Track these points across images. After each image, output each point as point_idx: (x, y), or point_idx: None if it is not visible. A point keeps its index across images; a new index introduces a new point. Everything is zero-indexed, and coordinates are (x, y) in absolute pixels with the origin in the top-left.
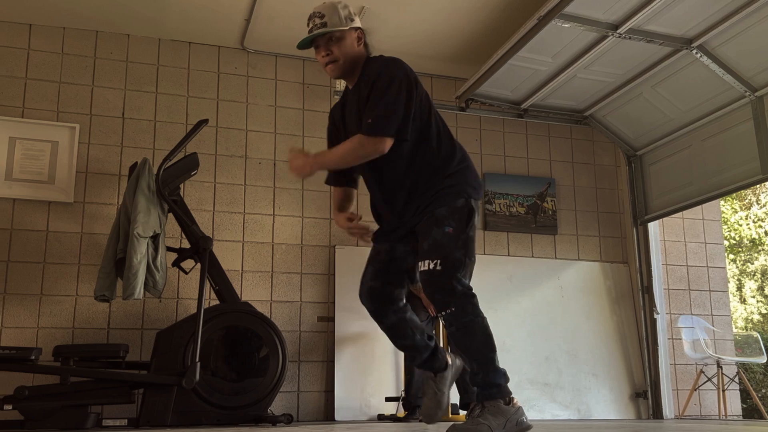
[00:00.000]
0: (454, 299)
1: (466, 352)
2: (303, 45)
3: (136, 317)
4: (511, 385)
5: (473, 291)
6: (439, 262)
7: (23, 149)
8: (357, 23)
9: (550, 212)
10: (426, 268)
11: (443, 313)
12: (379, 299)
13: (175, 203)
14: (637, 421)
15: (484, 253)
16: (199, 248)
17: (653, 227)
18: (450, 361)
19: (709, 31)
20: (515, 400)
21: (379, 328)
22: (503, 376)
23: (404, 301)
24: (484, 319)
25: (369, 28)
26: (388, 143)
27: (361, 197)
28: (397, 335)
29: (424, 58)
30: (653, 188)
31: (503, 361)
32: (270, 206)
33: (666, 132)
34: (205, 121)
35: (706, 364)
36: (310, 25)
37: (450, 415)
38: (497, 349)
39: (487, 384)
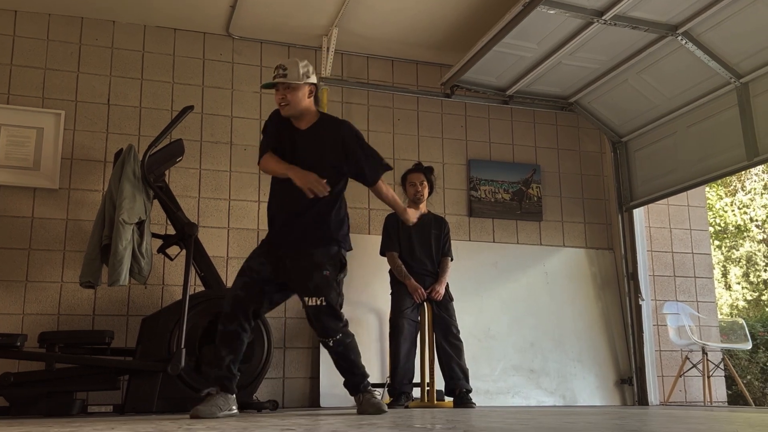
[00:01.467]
0: (340, 325)
1: (352, 358)
2: (266, 86)
3: (121, 304)
4: (496, 372)
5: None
6: (323, 299)
7: (8, 136)
8: (312, 80)
9: (536, 199)
10: (315, 304)
11: (330, 339)
12: (236, 306)
13: (161, 189)
14: (623, 408)
15: (469, 240)
16: (184, 234)
17: (638, 213)
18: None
19: (695, 17)
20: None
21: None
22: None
23: (251, 321)
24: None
25: (321, 85)
26: None
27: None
28: (224, 342)
29: (409, 45)
30: (638, 175)
31: (489, 347)
32: (255, 192)
33: (651, 118)
34: (190, 108)
35: (691, 351)
36: (275, 74)
37: (435, 401)
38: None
39: (364, 382)
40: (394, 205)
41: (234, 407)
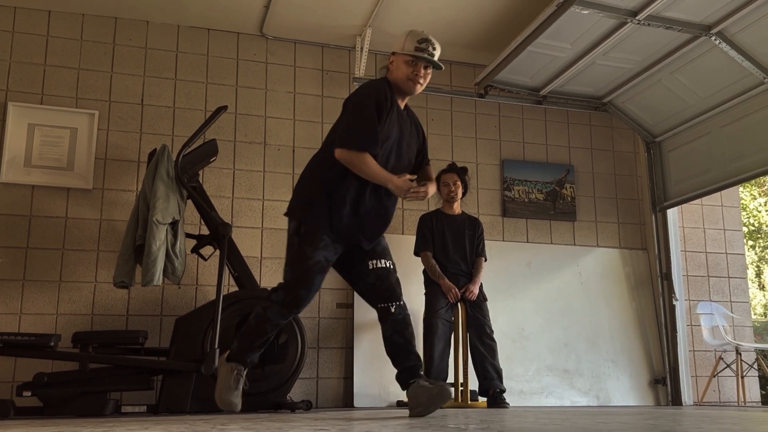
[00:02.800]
0: (401, 293)
1: (406, 337)
2: (428, 60)
3: (155, 304)
4: (530, 372)
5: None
6: (391, 263)
7: (42, 136)
8: None
9: (569, 199)
10: (384, 265)
11: (398, 302)
12: (305, 305)
13: (194, 190)
14: (656, 408)
15: (503, 240)
16: (218, 235)
17: (672, 214)
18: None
19: (728, 17)
20: None
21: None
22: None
23: None
24: None
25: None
26: None
27: None
28: (266, 335)
29: (442, 45)
30: (672, 175)
31: (523, 347)
32: (289, 193)
33: (685, 118)
34: (224, 108)
35: (725, 351)
36: (424, 46)
37: (469, 401)
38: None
39: (420, 364)
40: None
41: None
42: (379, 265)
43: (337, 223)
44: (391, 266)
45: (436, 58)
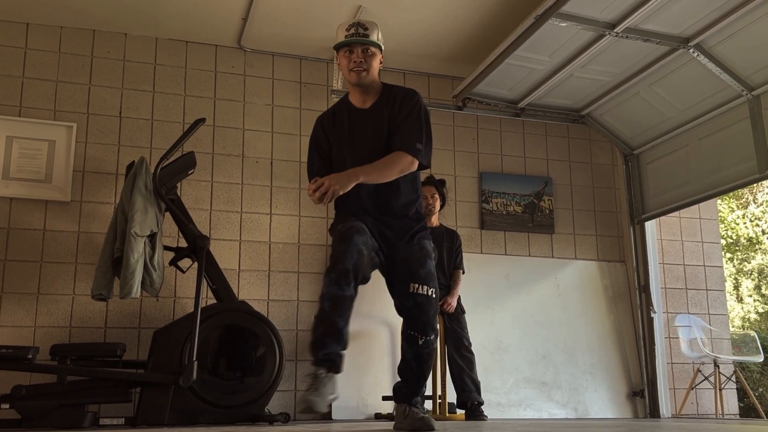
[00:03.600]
0: (436, 328)
1: (427, 368)
2: (340, 45)
3: (133, 316)
4: (508, 385)
5: None
6: (433, 291)
7: (20, 148)
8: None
9: (547, 211)
10: (425, 293)
11: (428, 337)
12: (358, 265)
13: (172, 202)
14: (634, 420)
15: (481, 252)
16: (196, 247)
17: (650, 226)
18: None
19: (706, 30)
20: None
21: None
22: None
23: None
24: None
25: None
26: (416, 167)
27: None
28: (340, 310)
29: (420, 57)
30: (650, 187)
31: (501, 360)
32: (267, 205)
33: (663, 131)
34: (202, 120)
35: (703, 363)
36: (351, 31)
37: (447, 414)
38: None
39: (420, 395)
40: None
41: (337, 390)
42: (420, 292)
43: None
44: (433, 294)
45: (370, 38)
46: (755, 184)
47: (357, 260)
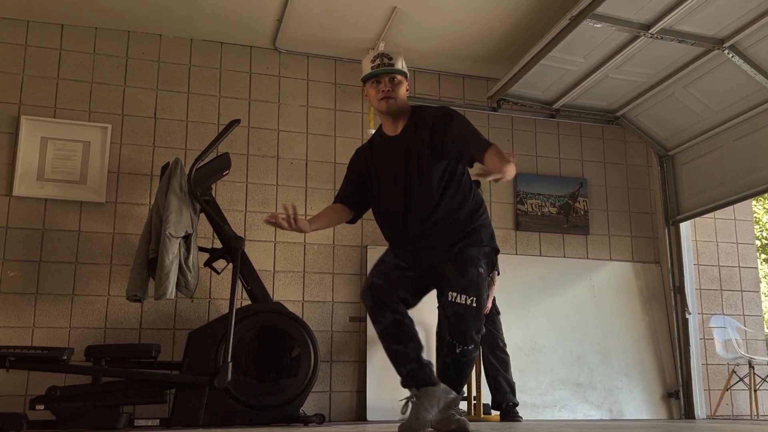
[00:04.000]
0: (478, 337)
1: (465, 376)
2: (368, 77)
3: (167, 317)
4: (542, 386)
5: None
6: (475, 299)
7: (55, 149)
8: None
9: (582, 212)
10: (463, 302)
11: (466, 347)
12: (379, 295)
13: (207, 203)
14: (669, 421)
15: (516, 253)
16: (231, 248)
17: (685, 227)
18: (437, 381)
19: (741, 31)
20: None
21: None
22: None
23: (404, 307)
24: None
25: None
26: None
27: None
28: (392, 338)
29: (455, 59)
30: (685, 188)
31: (536, 361)
32: (302, 206)
33: (698, 132)
34: (237, 121)
35: (738, 365)
36: (377, 62)
37: (482, 415)
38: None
39: (459, 400)
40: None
41: (451, 395)
42: (458, 301)
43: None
44: (473, 303)
45: (395, 67)
46: None
47: (374, 293)
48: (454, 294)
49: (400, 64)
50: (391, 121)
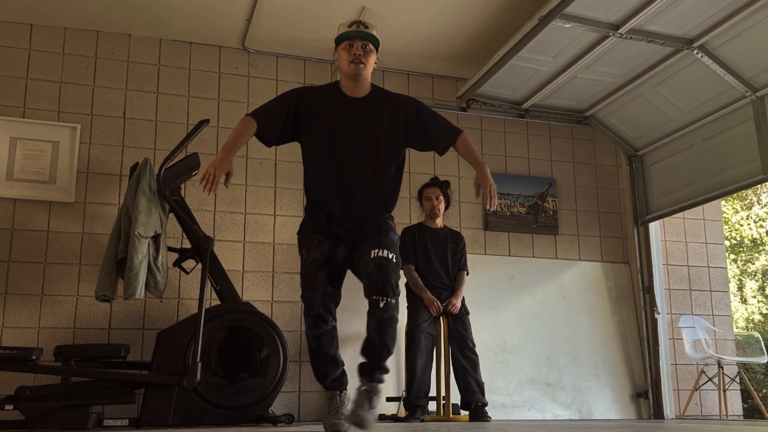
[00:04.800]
0: (398, 293)
1: (389, 338)
2: (342, 38)
3: (137, 317)
4: (512, 386)
5: None
6: (394, 255)
7: (24, 149)
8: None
9: (551, 212)
10: (386, 255)
11: (388, 299)
12: (330, 304)
13: (176, 203)
14: (638, 421)
15: (485, 253)
16: (200, 248)
17: (654, 227)
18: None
19: (710, 31)
20: None
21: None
22: None
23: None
24: None
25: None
26: None
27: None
28: (328, 342)
29: (424, 59)
30: (654, 188)
31: (505, 361)
32: (271, 206)
33: (667, 132)
34: (206, 121)
35: (707, 364)
36: (353, 27)
37: (451, 415)
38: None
39: (382, 374)
40: (476, 164)
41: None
42: (381, 254)
43: (324, 218)
44: (393, 258)
45: (367, 32)
46: (759, 185)
47: (326, 302)
48: (377, 251)
49: (375, 33)
50: (353, 84)
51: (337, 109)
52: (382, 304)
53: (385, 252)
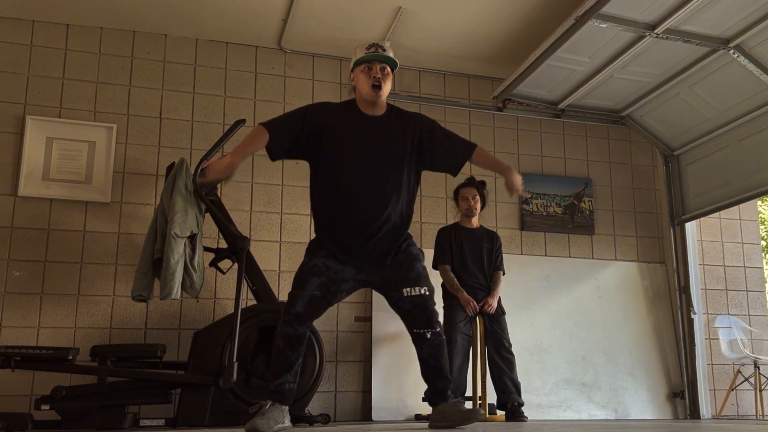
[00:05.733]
0: (439, 320)
1: (444, 359)
2: (361, 61)
3: (173, 317)
4: (548, 386)
5: None
6: (426, 288)
7: (60, 149)
8: None
9: (587, 212)
10: (420, 293)
11: (434, 329)
12: (313, 310)
13: (213, 203)
14: (675, 421)
15: (521, 253)
16: (236, 248)
17: (690, 227)
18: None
19: (747, 31)
20: None
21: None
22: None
23: None
24: None
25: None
26: None
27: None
28: (295, 346)
29: (460, 59)
30: (690, 188)
31: (541, 361)
32: (307, 206)
33: (703, 132)
34: (242, 121)
35: (743, 364)
36: (372, 50)
37: (488, 415)
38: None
39: (451, 388)
40: (500, 169)
41: (287, 420)
42: (414, 293)
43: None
44: (427, 293)
45: (387, 56)
46: None
47: (308, 306)
48: (408, 289)
49: (392, 55)
50: (369, 107)
51: (357, 126)
52: (429, 335)
53: (417, 289)
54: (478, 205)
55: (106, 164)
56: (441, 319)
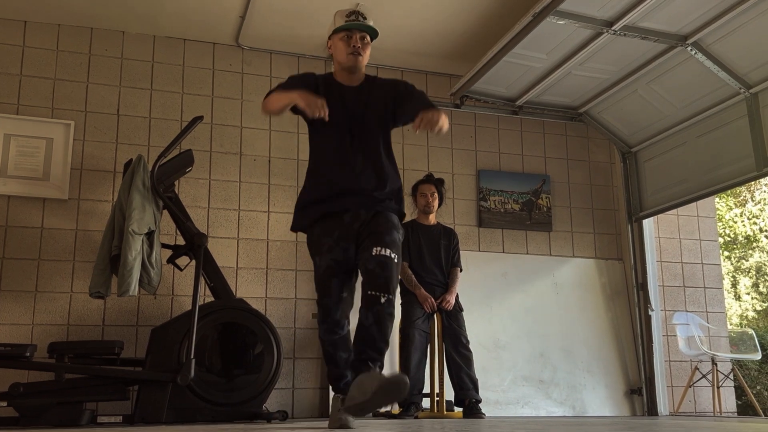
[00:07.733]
0: (397, 290)
1: (388, 334)
2: (341, 29)
3: (130, 314)
4: (505, 382)
5: None
6: (396, 256)
7: (18, 146)
8: None
9: (545, 209)
10: (387, 254)
11: (389, 295)
12: (345, 310)
13: (170, 200)
14: (632, 418)
15: (479, 250)
16: (194, 245)
17: (648, 224)
18: None
19: (704, 27)
20: None
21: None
22: None
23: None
24: None
25: None
26: None
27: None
28: (343, 346)
29: (418, 55)
30: (648, 185)
31: (499, 357)
32: (265, 203)
33: (661, 129)
34: (200, 118)
35: (700, 361)
36: (352, 17)
37: (445, 412)
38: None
39: (380, 363)
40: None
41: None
42: (383, 253)
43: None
44: (395, 259)
45: (368, 25)
46: (753, 182)
47: (341, 308)
48: (379, 248)
49: (372, 24)
50: (348, 75)
51: (335, 97)
52: (383, 300)
53: (387, 251)
54: (436, 202)
55: (63, 161)
56: (399, 315)
